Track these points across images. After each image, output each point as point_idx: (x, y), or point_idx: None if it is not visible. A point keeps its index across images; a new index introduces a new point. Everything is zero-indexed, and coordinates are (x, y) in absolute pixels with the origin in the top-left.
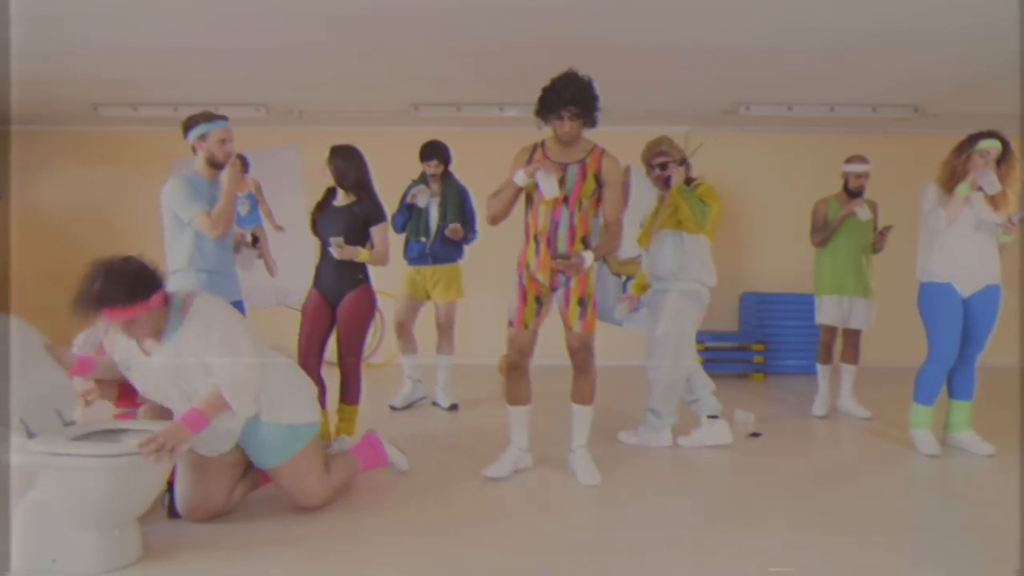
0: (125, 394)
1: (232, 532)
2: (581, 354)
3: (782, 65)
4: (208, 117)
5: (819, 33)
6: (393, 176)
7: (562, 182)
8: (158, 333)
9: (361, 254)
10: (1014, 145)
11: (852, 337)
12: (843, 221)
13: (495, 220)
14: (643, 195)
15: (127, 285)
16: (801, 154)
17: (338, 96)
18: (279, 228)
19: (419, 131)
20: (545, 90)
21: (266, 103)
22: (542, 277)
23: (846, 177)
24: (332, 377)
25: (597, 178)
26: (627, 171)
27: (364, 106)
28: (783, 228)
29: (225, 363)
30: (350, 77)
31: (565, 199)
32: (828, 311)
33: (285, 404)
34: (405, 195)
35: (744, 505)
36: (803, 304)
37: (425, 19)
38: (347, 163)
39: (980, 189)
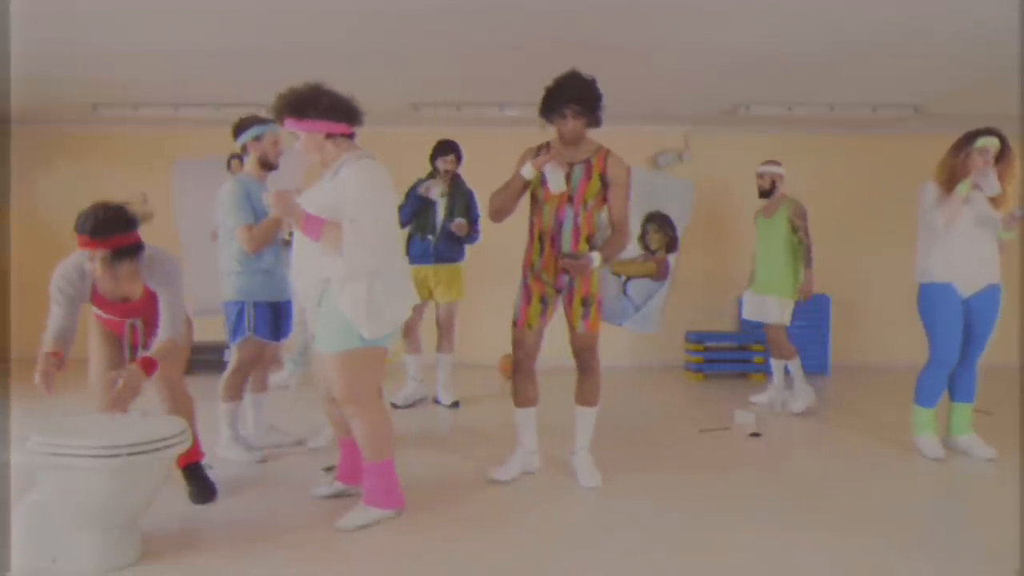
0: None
1: (233, 532)
2: (585, 355)
3: (782, 65)
4: (261, 120)
5: (819, 33)
6: (393, 176)
7: (568, 179)
8: None
9: None
10: (1014, 145)
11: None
12: (757, 224)
13: (498, 214)
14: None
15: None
16: (801, 154)
17: None
18: None
19: (419, 131)
20: (548, 89)
21: (266, 103)
22: (547, 277)
23: (773, 179)
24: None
25: (603, 178)
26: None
27: (364, 106)
28: None
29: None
30: (350, 77)
31: (570, 198)
32: (748, 307)
33: (360, 302)
34: (414, 187)
35: (744, 506)
36: (803, 304)
37: (425, 19)
38: None
39: (978, 188)
